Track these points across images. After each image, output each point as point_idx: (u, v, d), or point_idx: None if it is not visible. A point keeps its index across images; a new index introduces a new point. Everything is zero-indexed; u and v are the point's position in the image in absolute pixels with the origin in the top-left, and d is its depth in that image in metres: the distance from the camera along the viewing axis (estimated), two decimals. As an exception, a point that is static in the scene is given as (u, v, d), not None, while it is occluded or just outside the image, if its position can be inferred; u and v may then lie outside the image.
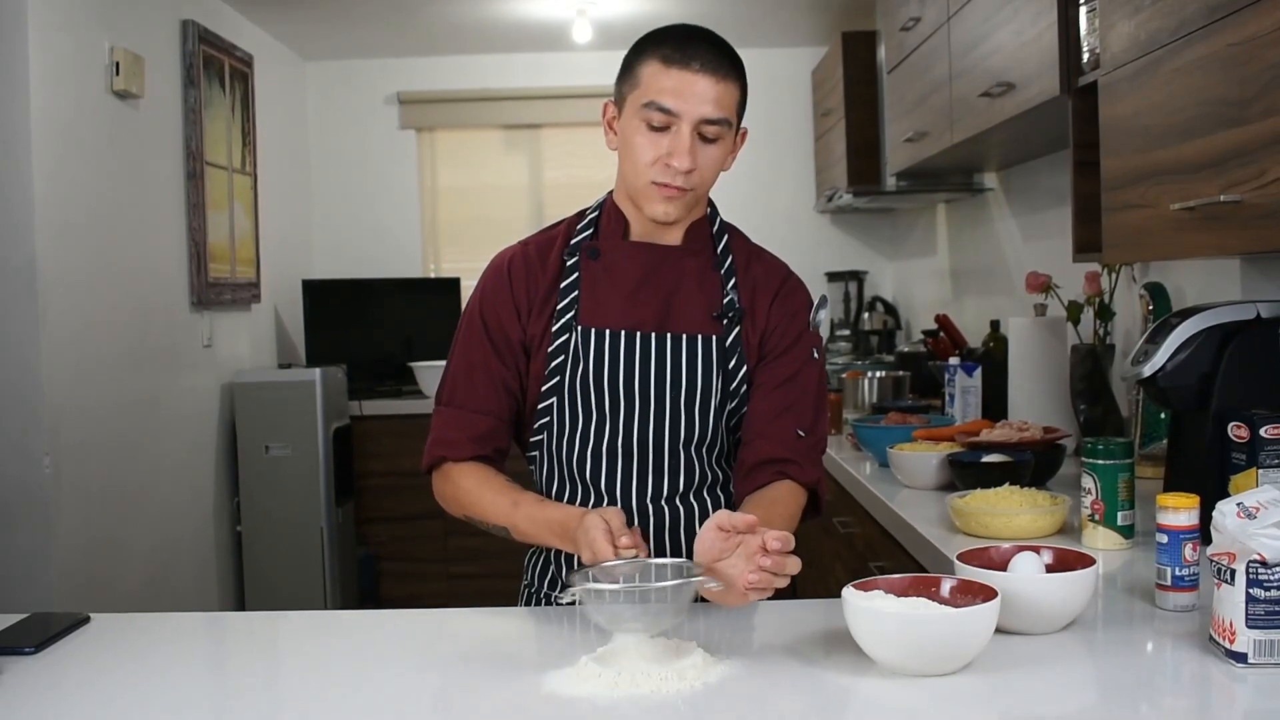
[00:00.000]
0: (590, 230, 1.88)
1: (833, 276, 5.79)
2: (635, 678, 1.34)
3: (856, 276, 5.71)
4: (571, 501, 1.84)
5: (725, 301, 1.84)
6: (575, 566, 1.61)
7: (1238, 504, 1.35)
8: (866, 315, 5.50)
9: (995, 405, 3.20)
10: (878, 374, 4.01)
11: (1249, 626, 1.33)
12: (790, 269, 1.93)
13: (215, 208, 4.50)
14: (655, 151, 1.73)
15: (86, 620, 1.68)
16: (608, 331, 1.81)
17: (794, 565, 1.47)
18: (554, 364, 1.82)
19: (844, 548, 3.18)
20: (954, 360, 3.35)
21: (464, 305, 6.02)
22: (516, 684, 1.40)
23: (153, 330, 4.02)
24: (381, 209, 5.87)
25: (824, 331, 1.90)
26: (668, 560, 1.54)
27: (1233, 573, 1.35)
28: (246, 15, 4.97)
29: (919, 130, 3.56)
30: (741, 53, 1.84)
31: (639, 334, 1.81)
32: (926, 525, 2.20)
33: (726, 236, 1.89)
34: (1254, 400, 1.86)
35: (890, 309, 5.48)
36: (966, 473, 2.40)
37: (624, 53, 1.81)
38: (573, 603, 1.47)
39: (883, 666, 1.37)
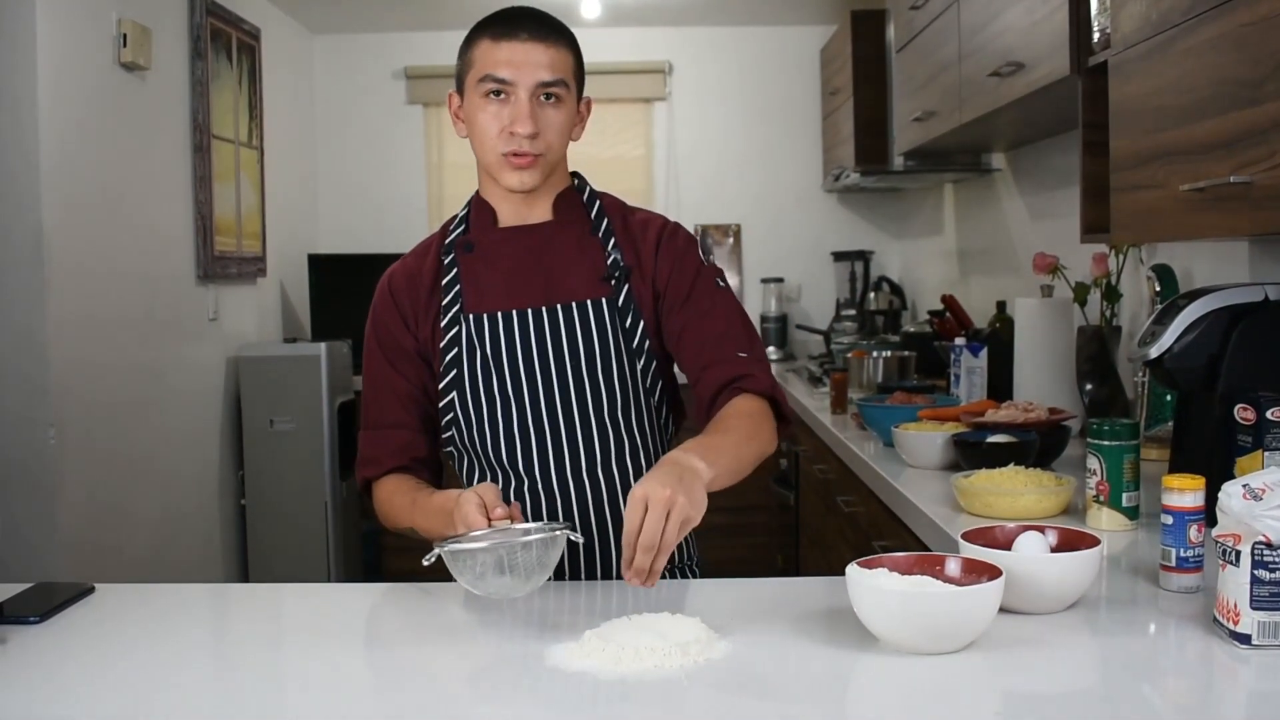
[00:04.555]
0: (462, 227, 1.91)
1: (839, 256, 5.78)
2: (638, 652, 1.34)
3: (863, 256, 5.70)
4: (500, 488, 1.85)
5: (609, 262, 1.86)
6: None
7: (1244, 485, 1.35)
8: (873, 295, 5.49)
9: (1001, 386, 3.20)
10: (883, 354, 4.01)
11: (1253, 608, 1.33)
12: (666, 218, 1.95)
13: (221, 181, 4.49)
14: (499, 123, 1.78)
15: (91, 590, 1.69)
16: (499, 314, 1.83)
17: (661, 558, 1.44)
18: (449, 357, 1.85)
19: (848, 527, 3.19)
20: (960, 340, 3.35)
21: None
22: (519, 658, 1.40)
23: (158, 302, 4.02)
24: (387, 183, 5.87)
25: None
26: (533, 524, 1.56)
27: (1238, 554, 1.34)
28: (254, -12, 4.96)
29: (927, 110, 3.54)
30: (751, 30, 1.86)
31: (530, 311, 1.83)
32: (931, 505, 2.19)
33: (599, 202, 1.92)
34: (1261, 383, 1.85)
35: (896, 289, 5.47)
36: (971, 453, 2.39)
37: (634, 29, 1.82)
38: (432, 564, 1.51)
39: (886, 644, 1.37)
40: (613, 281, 1.85)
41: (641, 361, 1.86)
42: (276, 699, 1.35)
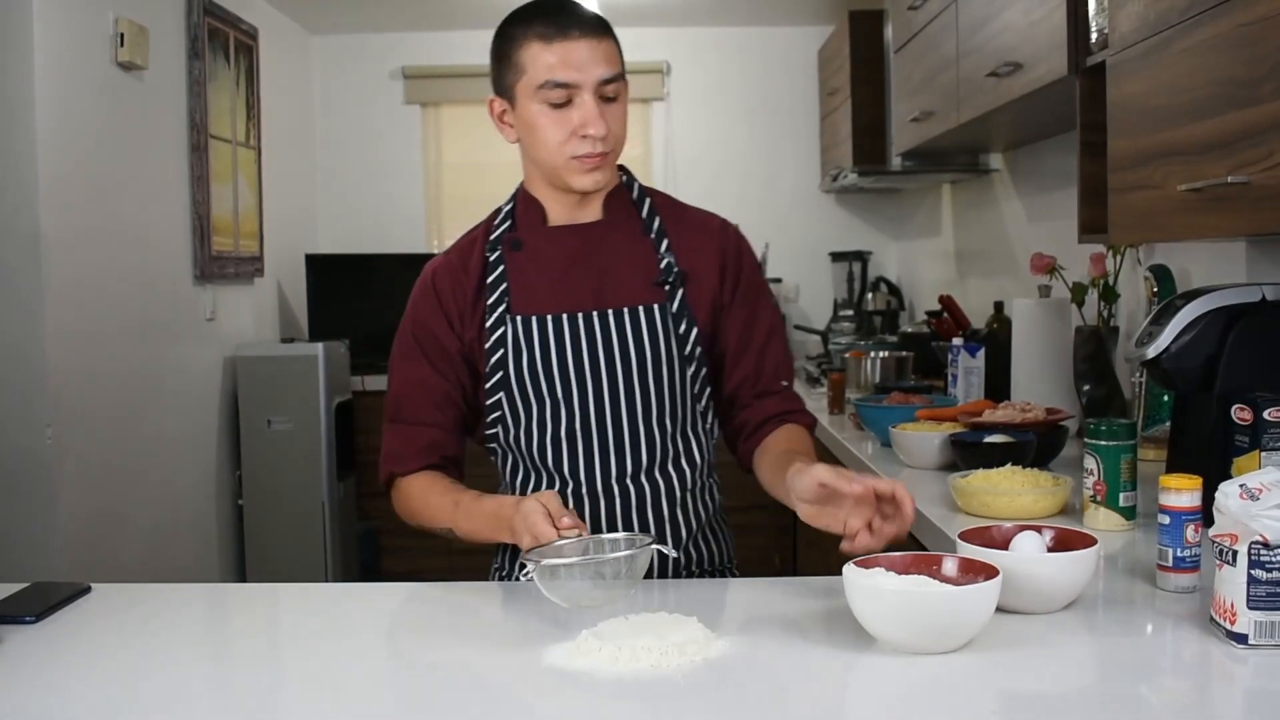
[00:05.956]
0: (508, 223, 1.87)
1: (837, 257, 5.77)
2: (635, 652, 1.34)
3: (861, 257, 5.70)
4: (538, 489, 1.84)
5: (663, 266, 1.83)
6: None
7: (1240, 485, 1.35)
8: (870, 295, 5.49)
9: (998, 386, 3.20)
10: (881, 354, 4.01)
11: (1250, 608, 1.33)
12: (724, 220, 1.92)
13: (219, 181, 4.49)
14: (565, 128, 1.73)
15: (87, 590, 1.69)
16: (548, 317, 1.80)
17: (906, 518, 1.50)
18: (495, 358, 1.82)
19: (845, 527, 3.18)
20: (957, 341, 3.35)
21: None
22: (517, 658, 1.40)
23: (156, 303, 4.01)
24: (385, 184, 5.86)
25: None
26: (618, 535, 1.57)
27: (1235, 554, 1.34)
28: (251, -12, 4.96)
29: (925, 110, 3.54)
30: (749, 31, 1.86)
31: (580, 314, 1.80)
32: (928, 505, 2.19)
33: (648, 200, 1.89)
34: (1258, 383, 1.85)
35: (894, 289, 5.47)
36: (969, 453, 2.39)
37: (632, 29, 1.80)
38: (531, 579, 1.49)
39: (883, 644, 1.37)
40: (666, 286, 1.82)
41: (692, 368, 1.84)
42: (273, 699, 1.35)
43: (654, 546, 1.49)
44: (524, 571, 1.47)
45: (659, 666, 1.32)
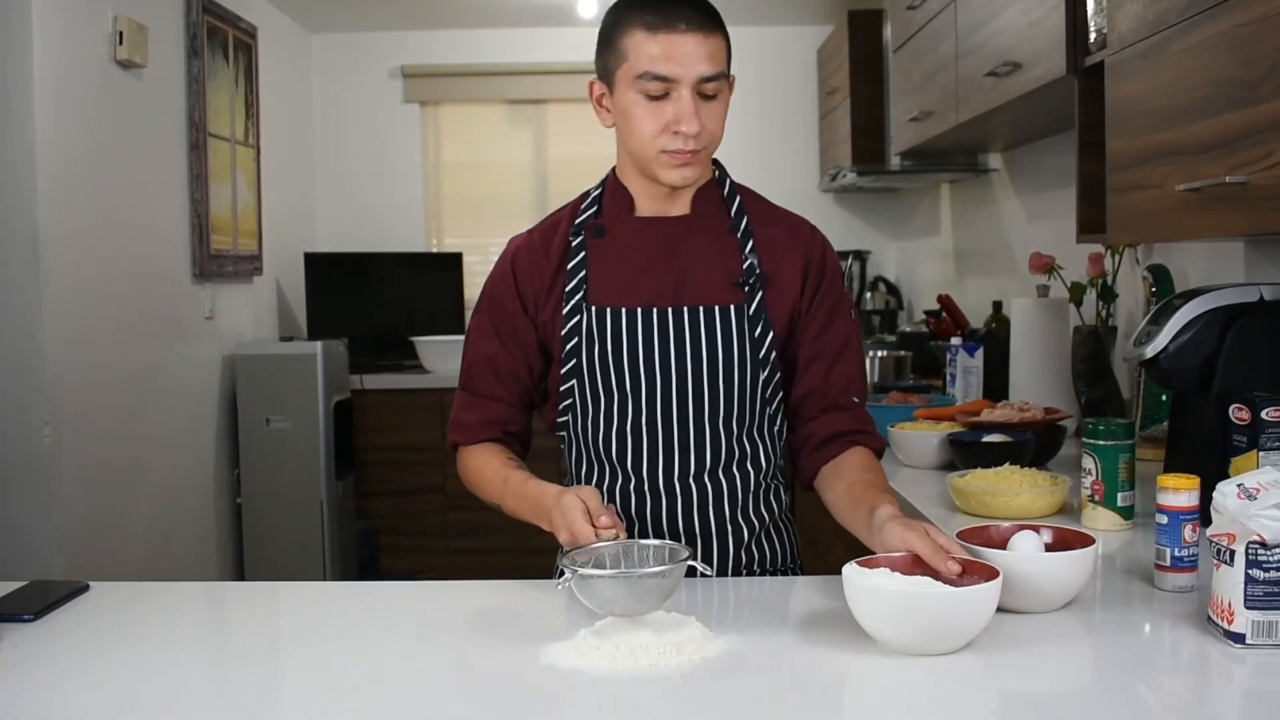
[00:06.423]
0: (594, 208, 1.85)
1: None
2: (634, 651, 1.34)
3: (860, 256, 5.70)
4: (600, 483, 1.83)
5: (745, 266, 1.80)
6: (560, 550, 1.61)
7: (1238, 485, 1.35)
8: (869, 295, 5.49)
9: (997, 385, 3.20)
10: (880, 354, 4.01)
11: (1247, 607, 1.33)
12: (813, 225, 1.90)
13: (218, 179, 4.49)
14: (660, 120, 1.70)
15: (85, 588, 1.69)
16: (624, 310, 1.78)
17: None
18: (569, 346, 1.80)
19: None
20: (956, 340, 3.35)
21: (466, 281, 5.96)
22: (515, 656, 1.40)
23: (154, 301, 4.01)
24: (385, 183, 5.86)
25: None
26: (653, 542, 1.55)
27: (1232, 554, 1.35)
28: (250, -14, 4.95)
29: (924, 109, 3.54)
30: (748, 30, 1.85)
31: (655, 309, 1.78)
32: (927, 504, 2.20)
33: (739, 198, 1.86)
34: (1256, 383, 1.86)
35: (893, 289, 5.48)
36: (967, 452, 2.39)
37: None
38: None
39: (882, 644, 1.37)
40: (746, 289, 1.80)
41: (765, 372, 1.80)
42: (271, 698, 1.35)
43: (688, 562, 1.47)
44: (561, 580, 1.45)
45: (656, 665, 1.32)
